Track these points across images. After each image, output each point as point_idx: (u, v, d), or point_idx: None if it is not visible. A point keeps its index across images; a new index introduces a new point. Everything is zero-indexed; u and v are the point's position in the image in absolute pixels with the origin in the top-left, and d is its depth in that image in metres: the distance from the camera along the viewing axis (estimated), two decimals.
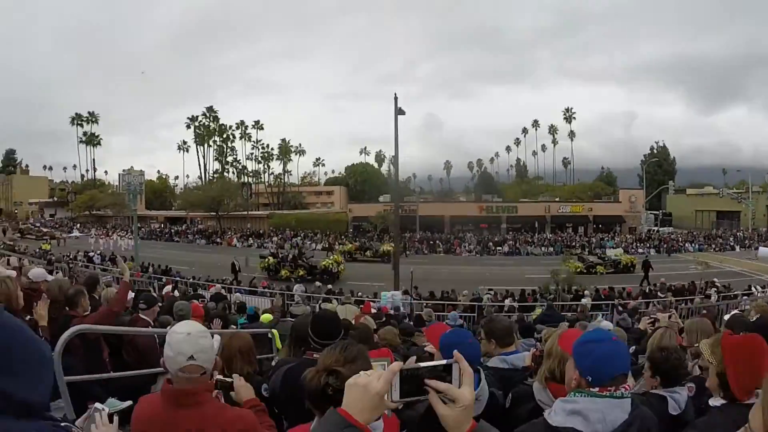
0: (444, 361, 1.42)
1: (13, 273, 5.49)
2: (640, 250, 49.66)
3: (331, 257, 39.38)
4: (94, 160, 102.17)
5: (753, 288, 23.95)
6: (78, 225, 70.36)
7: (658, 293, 23.54)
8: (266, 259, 37.76)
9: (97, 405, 2.22)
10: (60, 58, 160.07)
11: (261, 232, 64.53)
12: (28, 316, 4.65)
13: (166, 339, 2.45)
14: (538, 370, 3.25)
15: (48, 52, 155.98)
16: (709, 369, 2.82)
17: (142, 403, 2.64)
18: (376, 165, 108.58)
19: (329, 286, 26.66)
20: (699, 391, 3.46)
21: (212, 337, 2.51)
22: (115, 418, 2.30)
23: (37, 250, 37.59)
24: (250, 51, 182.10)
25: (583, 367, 2.18)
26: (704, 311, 13.95)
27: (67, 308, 5.21)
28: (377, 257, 44.73)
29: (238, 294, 21.08)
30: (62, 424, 1.59)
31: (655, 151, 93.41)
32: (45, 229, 61.24)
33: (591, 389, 2.14)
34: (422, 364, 1.42)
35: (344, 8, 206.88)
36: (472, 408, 1.42)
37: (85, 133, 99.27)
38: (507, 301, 22.13)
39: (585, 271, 38.04)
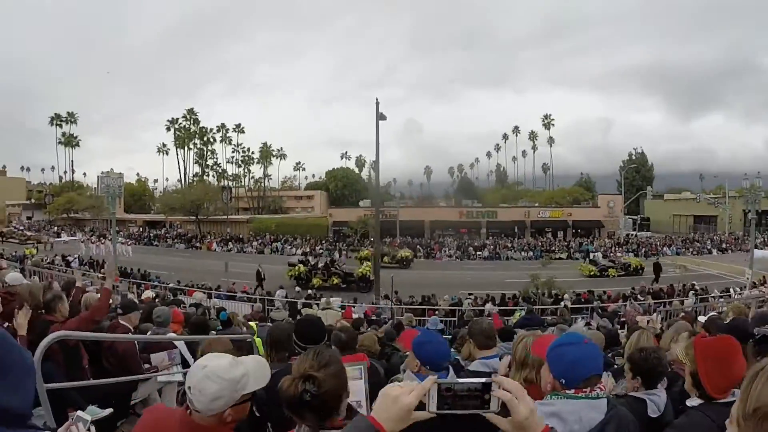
0: (483, 380, 1.45)
1: None
2: (619, 254, 50.19)
3: (365, 265, 37.39)
4: (72, 161, 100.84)
5: (731, 290, 24.40)
6: (66, 229, 69.20)
7: (638, 296, 23.79)
8: (296, 267, 35.38)
9: (79, 413, 2.21)
10: (38, 55, 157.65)
11: (241, 236, 64.22)
12: (6, 323, 4.61)
13: (196, 374, 2.19)
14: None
15: (26, 49, 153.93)
16: (685, 369, 2.90)
17: (156, 419, 2.43)
18: (356, 170, 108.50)
19: (309, 292, 26.59)
20: (670, 384, 3.54)
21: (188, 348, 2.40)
22: (92, 428, 2.25)
23: (14, 254, 36.96)
24: (232, 54, 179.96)
25: (557, 371, 2.26)
26: (683, 314, 14.12)
27: (43, 312, 5.15)
28: (395, 263, 43.66)
29: (216, 300, 20.97)
30: None
31: (633, 157, 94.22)
32: (29, 233, 59.45)
33: (566, 391, 2.20)
34: (461, 380, 1.47)
35: (327, 12, 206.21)
36: (533, 423, 1.45)
37: (63, 134, 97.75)
38: (487, 306, 22.20)
39: (598, 274, 39.40)
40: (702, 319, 7.79)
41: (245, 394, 2.28)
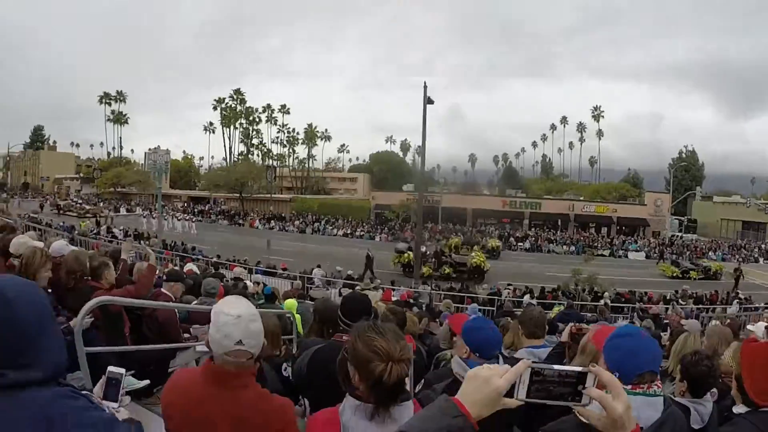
0: (579, 368, 1.30)
1: (41, 244, 5.46)
2: (664, 256, 49.09)
3: (477, 254, 35.04)
4: (120, 138, 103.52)
5: None
6: (118, 203, 70.88)
7: (679, 300, 23.16)
8: (404, 255, 33.76)
9: (111, 368, 2.14)
10: (89, 36, 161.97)
11: (283, 215, 64.85)
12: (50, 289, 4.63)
13: (212, 318, 2.32)
14: (571, 347, 3.26)
15: (77, 30, 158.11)
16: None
17: (179, 376, 2.56)
18: (401, 154, 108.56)
19: (349, 272, 26.60)
20: (720, 396, 3.42)
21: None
22: (125, 398, 2.21)
23: (61, 224, 37.78)
24: (280, 36, 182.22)
25: (612, 362, 2.14)
26: (728, 321, 13.64)
27: (89, 279, 5.18)
28: (485, 252, 40.92)
29: (258, 275, 21.17)
30: (82, 392, 1.68)
31: (683, 155, 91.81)
32: (88, 206, 59.81)
33: (624, 387, 2.06)
34: (555, 366, 1.30)
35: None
36: (627, 420, 1.31)
37: (113, 112, 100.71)
38: (526, 297, 21.95)
39: (680, 275, 39.13)
40: (752, 327, 7.41)
41: None
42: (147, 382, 4.94)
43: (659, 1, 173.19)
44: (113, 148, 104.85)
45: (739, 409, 2.57)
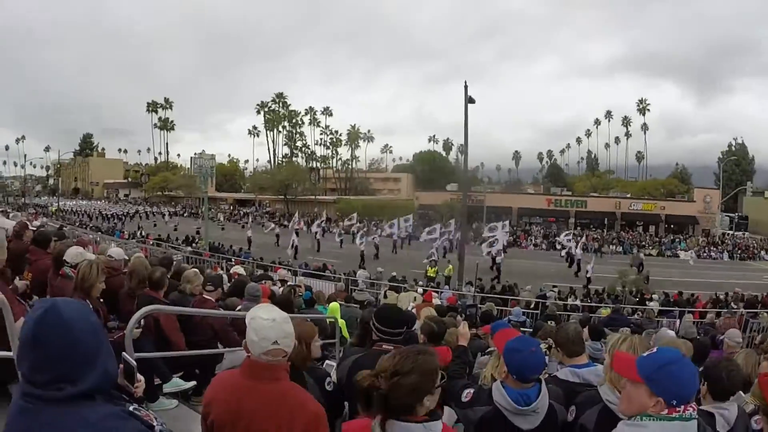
0: None
1: (94, 257, 5.69)
2: (713, 255, 47.62)
3: None
4: (167, 143, 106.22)
5: None
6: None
7: (731, 304, 22.34)
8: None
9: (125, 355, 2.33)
10: (138, 46, 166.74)
11: (329, 216, 65.29)
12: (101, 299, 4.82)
13: (248, 323, 2.53)
14: None
15: (131, 39, 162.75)
16: None
17: (223, 374, 2.88)
18: (444, 153, 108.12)
19: (393, 273, 26.55)
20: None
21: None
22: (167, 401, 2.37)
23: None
24: (321, 38, 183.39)
25: (670, 392, 2.05)
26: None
27: (148, 288, 5.41)
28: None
29: (302, 278, 21.38)
30: (131, 408, 1.79)
31: (733, 148, 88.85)
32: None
33: (662, 412, 2.04)
34: None
35: None
36: None
37: (159, 119, 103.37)
38: (570, 300, 21.62)
39: None
40: None
41: None
42: (193, 383, 5.13)
43: None
44: (159, 153, 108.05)
45: None
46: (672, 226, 63.03)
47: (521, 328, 10.67)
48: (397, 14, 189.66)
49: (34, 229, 8.04)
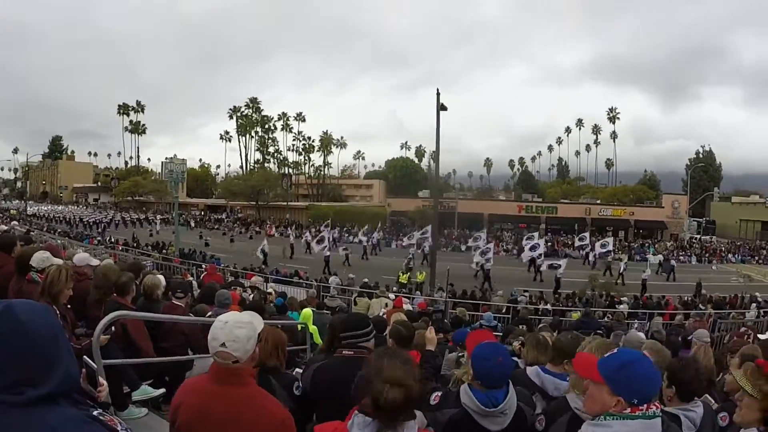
0: None
1: (61, 261, 5.59)
2: (681, 258, 48.48)
3: None
4: (138, 147, 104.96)
5: None
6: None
7: (699, 305, 22.76)
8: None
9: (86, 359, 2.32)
10: (108, 46, 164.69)
11: (300, 223, 65.08)
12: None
13: (223, 330, 2.54)
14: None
15: (98, 40, 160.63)
16: (743, 400, 2.72)
17: (191, 379, 2.90)
18: (416, 160, 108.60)
19: (365, 279, 26.54)
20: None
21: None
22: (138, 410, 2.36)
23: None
24: (295, 44, 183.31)
25: (630, 391, 2.09)
26: (743, 328, 13.35)
27: (115, 294, 5.34)
28: None
29: (273, 284, 21.24)
30: (95, 412, 1.76)
31: (700, 155, 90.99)
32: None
33: (625, 411, 2.08)
34: None
35: (385, 6, 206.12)
36: None
37: (131, 122, 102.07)
38: (541, 304, 21.81)
39: None
40: (763, 337, 7.16)
41: (259, 333, 2.65)
42: (162, 391, 5.08)
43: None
44: (130, 157, 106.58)
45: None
46: (641, 231, 64.20)
47: (493, 333, 10.76)
48: (369, 22, 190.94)
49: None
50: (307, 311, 9.35)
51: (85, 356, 2.38)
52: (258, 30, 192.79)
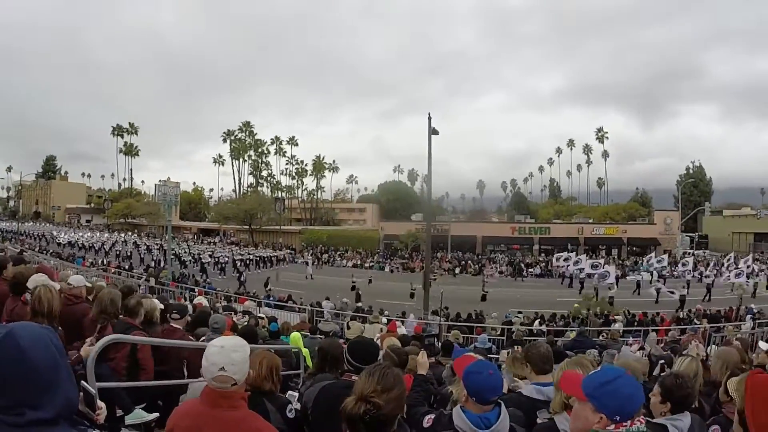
0: None
1: (55, 284, 5.58)
2: (675, 274, 48.46)
3: None
4: (131, 169, 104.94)
5: None
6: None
7: (694, 320, 22.76)
8: None
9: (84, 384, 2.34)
10: (103, 69, 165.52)
11: (293, 247, 65.04)
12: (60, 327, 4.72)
13: (220, 354, 2.61)
14: None
15: (94, 64, 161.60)
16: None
17: (185, 403, 3.00)
18: (408, 183, 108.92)
19: (358, 304, 26.52)
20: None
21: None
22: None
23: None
24: (281, 74, 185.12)
25: (613, 408, 2.13)
26: (736, 339, 13.37)
27: (122, 315, 5.38)
28: None
29: (267, 309, 21.18)
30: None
31: (690, 171, 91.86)
32: None
33: (609, 427, 2.12)
34: None
35: (376, 30, 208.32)
36: None
37: (125, 144, 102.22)
38: (536, 324, 21.77)
39: None
40: (764, 345, 7.15)
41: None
42: (156, 415, 5.05)
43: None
44: (124, 179, 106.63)
45: None
46: (634, 248, 64.31)
47: (488, 355, 10.75)
48: (348, 52, 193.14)
49: None
50: (296, 334, 9.35)
51: (83, 381, 2.38)
52: (244, 59, 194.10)
